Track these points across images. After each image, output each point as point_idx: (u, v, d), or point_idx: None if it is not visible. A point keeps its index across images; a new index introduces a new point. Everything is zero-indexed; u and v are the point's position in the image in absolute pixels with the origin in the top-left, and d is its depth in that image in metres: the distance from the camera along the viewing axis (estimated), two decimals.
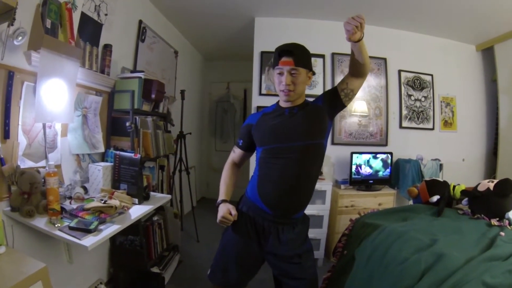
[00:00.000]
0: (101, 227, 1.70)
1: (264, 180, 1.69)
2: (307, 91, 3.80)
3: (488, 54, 4.40)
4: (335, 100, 1.68)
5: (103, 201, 1.90)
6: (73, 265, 2.26)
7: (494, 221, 1.82)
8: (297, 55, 1.60)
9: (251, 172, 1.86)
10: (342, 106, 1.72)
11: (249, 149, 1.85)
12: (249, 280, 1.84)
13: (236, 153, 1.90)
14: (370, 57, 3.90)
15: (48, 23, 1.92)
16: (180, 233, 3.90)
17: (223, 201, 1.70)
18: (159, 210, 3.00)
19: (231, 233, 1.75)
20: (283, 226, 1.68)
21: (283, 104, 1.74)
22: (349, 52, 1.65)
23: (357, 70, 1.62)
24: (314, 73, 1.73)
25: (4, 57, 1.67)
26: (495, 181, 2.00)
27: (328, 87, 3.95)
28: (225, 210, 1.62)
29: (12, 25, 1.61)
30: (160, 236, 2.95)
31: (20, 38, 1.69)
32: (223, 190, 1.78)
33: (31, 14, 1.83)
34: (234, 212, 1.64)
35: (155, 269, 2.77)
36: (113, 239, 2.63)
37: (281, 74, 1.62)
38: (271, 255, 1.72)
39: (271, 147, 1.67)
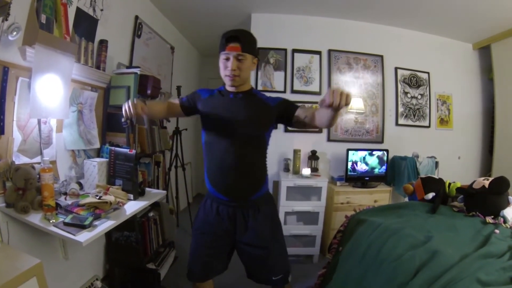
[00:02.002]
0: (96, 222, 1.70)
1: (210, 165, 1.76)
2: (304, 87, 3.85)
3: (484, 53, 4.41)
4: (286, 117, 1.74)
5: (98, 197, 1.89)
6: (68, 261, 2.25)
7: (488, 219, 1.83)
8: (244, 41, 1.61)
9: None
10: (288, 125, 1.79)
11: (185, 109, 1.85)
12: (226, 264, 1.90)
13: (175, 101, 1.90)
14: (367, 54, 3.93)
15: (43, 18, 1.90)
16: (176, 229, 3.90)
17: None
18: (155, 206, 2.99)
19: (199, 229, 1.84)
20: (247, 210, 1.75)
21: (229, 88, 1.77)
22: (346, 49, 1.65)
23: (320, 124, 1.62)
24: (259, 60, 1.77)
25: None
26: (490, 179, 2.01)
27: (325, 84, 3.97)
28: (139, 101, 1.57)
29: (6, 20, 1.59)
30: (156, 232, 2.94)
31: (14, 33, 1.68)
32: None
33: (26, 9, 1.81)
34: (144, 110, 1.59)
35: (151, 265, 2.77)
36: (108, 235, 2.62)
37: (227, 59, 1.64)
38: (240, 240, 1.79)
39: (214, 131, 1.74)
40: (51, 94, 1.98)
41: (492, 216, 1.87)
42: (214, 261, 1.82)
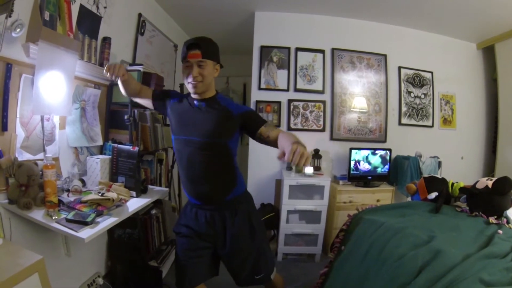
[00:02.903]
0: (98, 219, 1.70)
1: (182, 172, 1.80)
2: (307, 86, 3.85)
3: (488, 52, 4.39)
4: (250, 129, 1.73)
5: (100, 194, 1.89)
6: (71, 258, 2.26)
7: (492, 219, 1.82)
8: (203, 48, 1.65)
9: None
10: (251, 137, 1.77)
11: (156, 101, 1.91)
12: (216, 267, 1.92)
13: (149, 88, 1.99)
14: (371, 53, 3.92)
15: (47, 15, 1.90)
16: None
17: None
18: (157, 203, 3.00)
19: (180, 233, 1.86)
20: (224, 211, 1.78)
21: (193, 96, 1.79)
22: (349, 48, 1.66)
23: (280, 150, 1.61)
24: (221, 66, 1.81)
25: (2, 49, 1.65)
26: (494, 179, 2.00)
27: (328, 82, 3.97)
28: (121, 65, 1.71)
29: (10, 16, 1.59)
30: (158, 229, 2.94)
31: (18, 30, 1.68)
32: None
33: (29, 6, 1.81)
34: (123, 72, 1.73)
35: (153, 263, 2.77)
36: (111, 232, 2.63)
37: (189, 67, 1.66)
38: (221, 242, 1.81)
39: (179, 137, 1.77)
40: (54, 91, 1.98)
41: (495, 217, 1.85)
42: (199, 263, 1.82)
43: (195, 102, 1.77)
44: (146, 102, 1.93)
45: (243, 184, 1.89)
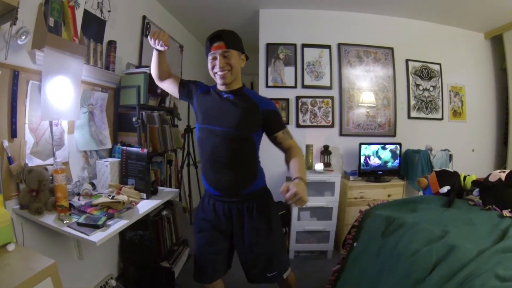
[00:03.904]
0: (109, 222, 1.71)
1: (204, 162, 1.80)
2: (314, 82, 3.82)
3: (497, 42, 4.32)
4: (268, 129, 1.78)
5: (111, 197, 1.90)
6: (83, 261, 2.28)
7: (506, 212, 1.79)
8: (226, 38, 1.66)
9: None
10: (266, 135, 1.82)
11: (180, 87, 1.90)
12: (229, 261, 1.93)
13: (177, 76, 1.95)
14: (377, 46, 3.89)
15: (51, 22, 1.91)
16: (190, 227, 3.91)
17: None
18: (168, 204, 3.01)
19: (198, 226, 1.87)
20: (242, 204, 1.77)
21: (220, 87, 1.79)
22: (356, 43, 1.65)
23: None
24: (247, 57, 1.80)
25: (8, 56, 1.66)
26: (507, 171, 1.96)
27: (335, 78, 3.94)
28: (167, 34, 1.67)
29: (14, 24, 1.60)
30: (169, 230, 2.95)
31: (23, 37, 1.69)
32: None
33: (34, 13, 1.83)
34: (168, 43, 1.67)
35: (164, 264, 2.78)
36: (122, 234, 2.64)
37: (214, 58, 1.68)
38: (237, 236, 1.81)
39: (204, 127, 1.77)
40: (62, 96, 2.00)
41: (510, 210, 1.82)
42: (219, 259, 1.84)
43: (222, 93, 1.77)
44: (172, 89, 1.92)
45: (264, 179, 1.89)
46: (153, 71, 1.84)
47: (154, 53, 1.75)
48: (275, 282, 1.89)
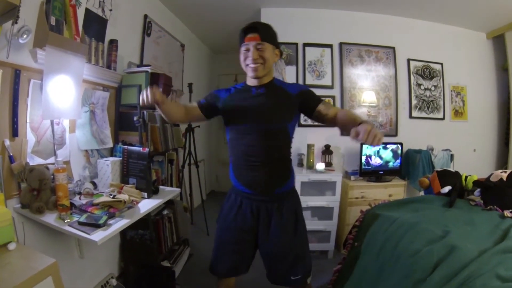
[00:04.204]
0: (110, 221, 1.71)
1: (236, 161, 1.75)
2: (316, 81, 3.82)
3: (499, 42, 4.31)
4: (307, 108, 1.73)
5: (112, 196, 1.91)
6: (84, 260, 2.28)
7: (507, 213, 1.78)
8: (261, 31, 1.62)
9: None
10: (308, 117, 1.77)
11: (205, 111, 1.81)
12: (249, 264, 1.88)
13: (192, 104, 1.85)
14: (379, 46, 3.88)
15: (53, 20, 1.91)
16: (190, 227, 3.93)
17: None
18: (169, 204, 3.01)
19: (223, 224, 1.83)
20: (272, 204, 1.73)
21: (250, 82, 1.75)
22: (357, 42, 1.63)
23: (340, 131, 1.65)
24: (282, 53, 1.73)
25: (10, 55, 1.66)
26: (508, 171, 1.96)
27: (337, 77, 3.94)
28: (158, 90, 1.52)
29: (16, 23, 1.60)
30: (170, 230, 2.96)
31: (25, 36, 1.69)
32: None
33: (35, 12, 1.83)
34: (161, 98, 1.52)
35: (165, 263, 2.79)
36: (123, 233, 2.65)
37: (247, 50, 1.63)
38: (263, 236, 1.76)
39: (237, 127, 1.73)
40: (63, 95, 2.00)
41: (511, 210, 1.81)
42: (239, 258, 1.81)
43: (253, 89, 1.73)
44: (197, 118, 1.85)
45: (294, 180, 1.85)
46: (169, 120, 1.78)
47: (157, 107, 1.63)
48: (297, 286, 1.81)
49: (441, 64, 4.21)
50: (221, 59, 6.28)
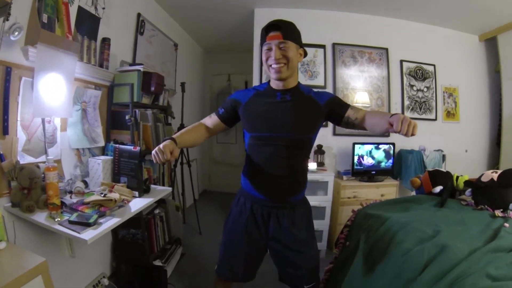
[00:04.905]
0: (101, 220, 1.70)
1: (254, 168, 1.67)
2: (309, 82, 3.82)
3: (491, 44, 4.35)
4: (336, 116, 1.65)
5: (103, 195, 1.90)
6: (75, 259, 2.26)
7: (498, 212, 1.81)
8: (285, 29, 1.52)
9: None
10: (337, 125, 1.72)
11: (227, 121, 1.75)
12: (256, 271, 1.84)
13: (212, 118, 1.77)
14: (372, 47, 3.90)
15: (45, 18, 1.89)
16: (182, 226, 3.91)
17: (172, 139, 1.53)
18: (161, 203, 3.00)
19: (232, 227, 1.77)
20: (283, 210, 1.68)
21: (274, 85, 1.66)
22: (350, 43, 1.61)
23: (371, 131, 1.57)
24: (305, 53, 1.66)
25: (1, 52, 1.65)
26: (499, 171, 1.98)
27: (330, 78, 3.94)
28: (168, 145, 1.45)
29: (7, 20, 1.59)
30: (162, 229, 2.95)
31: (16, 33, 1.68)
32: (179, 133, 1.67)
33: (27, 9, 1.81)
34: (176, 153, 1.47)
35: (157, 262, 2.77)
36: (115, 232, 2.64)
37: (269, 49, 1.55)
38: (273, 241, 1.71)
39: (260, 135, 1.63)
40: (55, 93, 1.98)
41: (501, 210, 1.84)
42: (246, 263, 1.76)
43: (278, 94, 1.63)
44: (221, 130, 1.80)
45: (305, 189, 1.81)
46: (191, 147, 1.72)
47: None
48: None
49: (434, 65, 4.25)
50: (214, 59, 6.27)
